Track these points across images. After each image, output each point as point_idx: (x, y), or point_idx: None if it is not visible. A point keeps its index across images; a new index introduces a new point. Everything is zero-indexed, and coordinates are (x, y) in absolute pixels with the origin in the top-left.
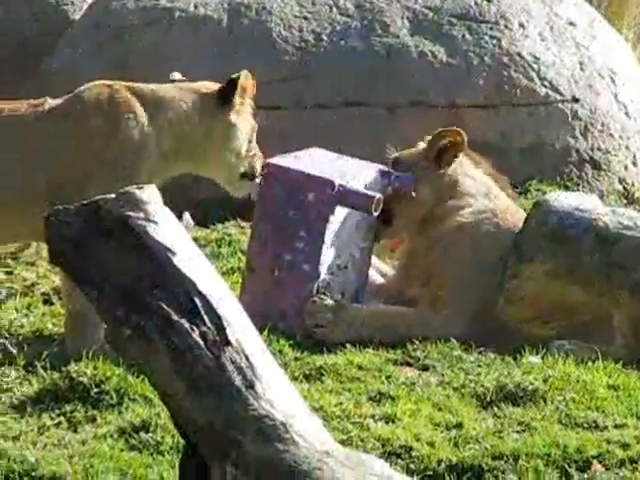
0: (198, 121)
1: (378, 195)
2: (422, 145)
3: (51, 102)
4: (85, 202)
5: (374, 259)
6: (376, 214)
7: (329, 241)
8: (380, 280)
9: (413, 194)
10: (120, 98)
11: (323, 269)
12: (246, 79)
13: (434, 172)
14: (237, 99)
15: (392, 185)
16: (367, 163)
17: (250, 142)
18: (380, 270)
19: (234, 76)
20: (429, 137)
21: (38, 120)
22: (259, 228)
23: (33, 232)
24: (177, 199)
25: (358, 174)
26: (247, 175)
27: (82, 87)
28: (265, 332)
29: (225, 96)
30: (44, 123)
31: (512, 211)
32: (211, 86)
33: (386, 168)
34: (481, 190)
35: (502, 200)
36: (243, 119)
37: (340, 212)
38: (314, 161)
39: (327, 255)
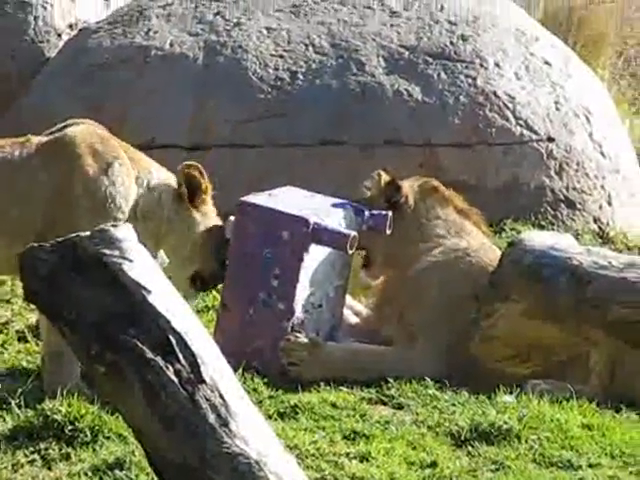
0: (170, 205)
1: (353, 233)
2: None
3: (35, 140)
4: (60, 239)
5: (348, 298)
6: (351, 252)
7: (304, 279)
8: (354, 319)
9: (388, 231)
10: (111, 143)
11: (298, 307)
12: (190, 173)
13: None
14: (185, 196)
15: (366, 223)
16: (341, 201)
17: (216, 243)
18: (354, 309)
19: (196, 178)
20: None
21: (28, 157)
22: (233, 266)
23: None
24: None
25: (332, 212)
26: (201, 279)
27: (68, 125)
28: (239, 370)
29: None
30: (34, 160)
31: (486, 248)
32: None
33: (360, 206)
34: (452, 229)
35: (476, 237)
36: (205, 215)
37: (315, 250)
38: (288, 199)
39: (302, 293)
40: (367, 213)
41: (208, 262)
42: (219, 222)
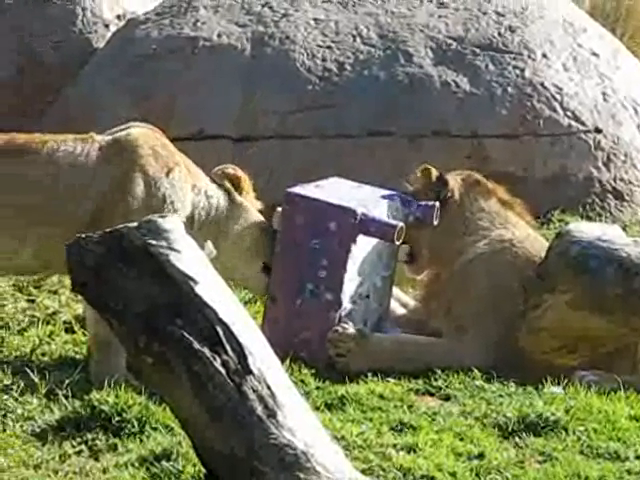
0: (224, 208)
1: (400, 224)
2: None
3: (99, 137)
4: (108, 230)
5: (395, 289)
6: (398, 243)
7: (351, 270)
8: (401, 310)
9: (435, 222)
10: (171, 149)
11: (345, 298)
12: (229, 172)
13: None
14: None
15: (413, 214)
16: (388, 192)
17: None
18: (401, 300)
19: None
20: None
21: (90, 154)
22: (281, 257)
23: None
24: None
25: (380, 203)
26: (269, 269)
27: (130, 127)
28: (287, 361)
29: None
30: (97, 157)
31: (531, 239)
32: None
33: (408, 197)
34: (496, 221)
35: (521, 228)
36: (254, 212)
37: (362, 241)
38: (336, 190)
39: (349, 284)
40: (414, 204)
41: (272, 249)
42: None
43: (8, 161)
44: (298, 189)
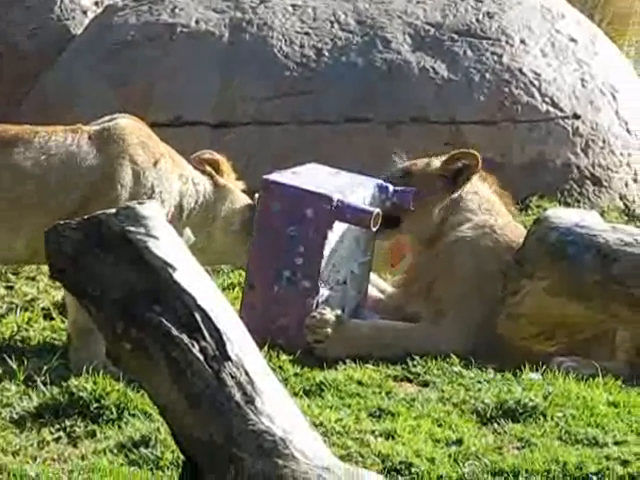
0: (211, 194)
1: (376, 210)
2: (434, 162)
3: (87, 127)
4: (86, 217)
5: (372, 275)
6: (374, 229)
7: (328, 256)
8: (379, 296)
9: (412, 208)
10: (157, 140)
11: (322, 285)
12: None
13: (448, 193)
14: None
15: (390, 200)
16: (365, 177)
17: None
18: (379, 287)
19: (216, 159)
20: (443, 156)
21: (80, 144)
22: (258, 244)
23: None
24: None
25: (356, 189)
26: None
27: (116, 118)
28: (265, 348)
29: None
30: (86, 147)
31: (512, 227)
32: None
33: (384, 183)
34: (483, 206)
35: (503, 217)
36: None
37: (339, 227)
38: (312, 176)
39: (326, 271)
40: (391, 189)
41: (245, 238)
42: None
43: (1, 152)
44: (275, 176)
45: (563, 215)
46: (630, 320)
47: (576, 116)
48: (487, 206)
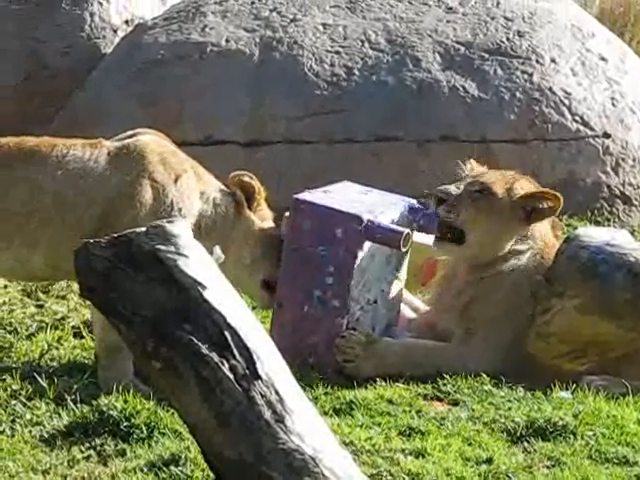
0: (232, 217)
1: (406, 231)
2: (518, 188)
3: (107, 143)
4: (116, 235)
5: (406, 293)
6: (404, 249)
7: (358, 276)
8: (412, 315)
9: (436, 233)
10: (180, 156)
11: (353, 304)
12: (243, 180)
13: (522, 226)
14: (242, 201)
15: (417, 222)
16: (397, 197)
17: (276, 247)
18: (411, 304)
19: (245, 184)
20: (520, 179)
21: (99, 159)
22: (288, 263)
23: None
24: None
25: (387, 208)
26: (271, 286)
27: (138, 133)
28: (295, 367)
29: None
30: (105, 162)
31: (550, 246)
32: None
33: (415, 204)
34: (542, 237)
35: (548, 237)
36: (263, 220)
37: (369, 247)
38: (343, 196)
39: (356, 290)
40: (420, 212)
41: (273, 267)
42: (273, 225)
43: (18, 165)
44: (305, 195)
45: (594, 234)
46: None
47: (606, 135)
48: (544, 238)
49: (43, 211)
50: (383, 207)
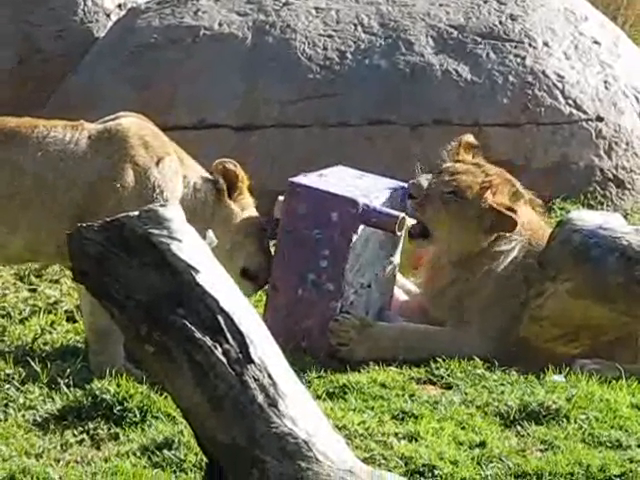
0: (211, 203)
1: (402, 215)
2: (489, 195)
3: (89, 125)
4: (109, 219)
5: (399, 276)
6: (400, 234)
7: (353, 260)
8: (404, 297)
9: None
10: (162, 139)
11: (347, 288)
12: (226, 168)
13: (482, 234)
14: (223, 189)
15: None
16: (392, 182)
17: (257, 235)
18: (404, 287)
19: (227, 171)
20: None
21: (79, 142)
22: (283, 246)
23: (59, 252)
24: None
25: (382, 193)
26: (250, 275)
27: (120, 116)
28: (288, 350)
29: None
30: (86, 146)
31: (541, 232)
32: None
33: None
34: (525, 227)
35: (533, 222)
36: (244, 209)
37: (364, 231)
38: (338, 179)
39: (351, 274)
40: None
41: (253, 255)
42: (256, 214)
43: None
44: (301, 178)
45: (586, 217)
46: None
47: (599, 118)
48: (528, 227)
49: (24, 193)
50: (378, 191)
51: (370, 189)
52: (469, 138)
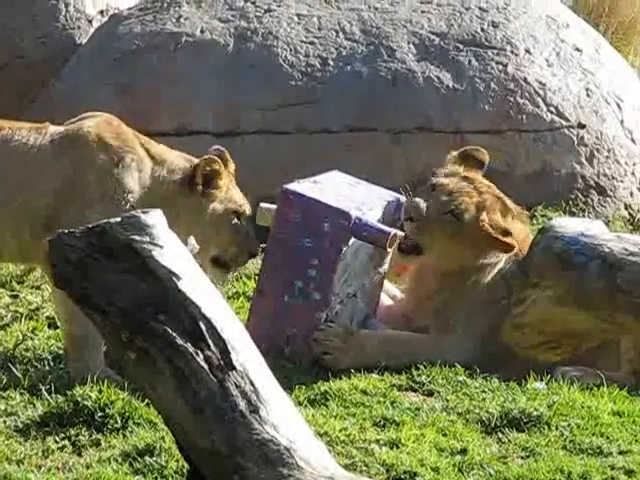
0: (178, 193)
1: (393, 231)
2: (484, 217)
3: (52, 128)
4: (90, 226)
5: (385, 282)
6: (390, 250)
7: (341, 270)
8: (389, 302)
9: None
10: (124, 136)
11: (333, 298)
12: (208, 163)
13: (478, 252)
14: (199, 185)
15: (400, 222)
16: (386, 191)
17: (226, 225)
18: (388, 292)
19: (196, 162)
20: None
21: (41, 145)
22: (272, 252)
23: (22, 254)
24: None
25: (376, 205)
26: (221, 263)
27: (85, 117)
28: (270, 357)
29: (191, 178)
30: (47, 149)
31: (529, 241)
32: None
33: (401, 201)
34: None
35: (520, 233)
36: (211, 202)
37: (354, 242)
38: (333, 188)
39: (338, 285)
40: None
41: (226, 247)
42: (241, 207)
43: None
44: (294, 185)
45: (568, 224)
46: (635, 329)
47: (581, 125)
48: (517, 236)
49: None
50: (372, 203)
51: (364, 200)
52: (475, 152)
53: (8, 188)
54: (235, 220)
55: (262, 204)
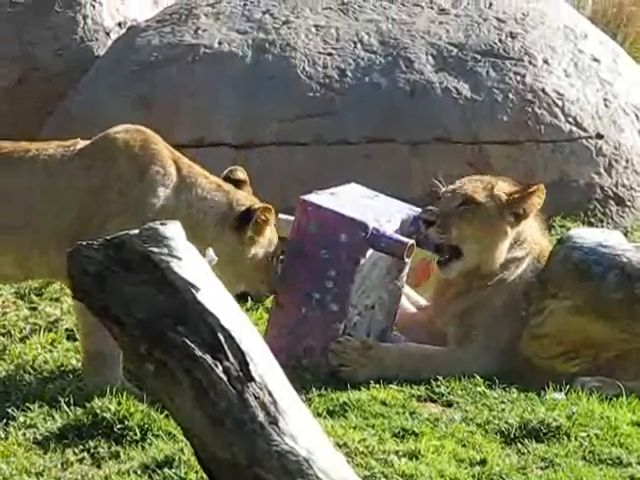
0: (212, 227)
1: (411, 242)
2: (500, 193)
3: (82, 143)
4: (109, 237)
5: (407, 288)
6: (408, 260)
7: (359, 282)
8: (412, 310)
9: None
10: (152, 148)
11: (351, 310)
12: (263, 212)
13: (510, 229)
14: (249, 231)
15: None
16: (404, 204)
17: (261, 267)
18: (412, 300)
19: (254, 207)
20: (497, 181)
21: (69, 161)
22: (290, 264)
23: (52, 271)
24: None
25: (394, 217)
26: (247, 296)
27: (108, 132)
28: (289, 368)
29: (242, 222)
30: (74, 164)
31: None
32: (244, 202)
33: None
34: (534, 237)
35: (543, 242)
36: (254, 246)
37: (372, 254)
38: (351, 200)
39: (356, 296)
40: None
41: (255, 284)
42: (278, 249)
43: None
44: (312, 197)
45: (586, 235)
46: None
47: (599, 136)
48: (537, 241)
49: (18, 215)
50: (390, 215)
51: (382, 212)
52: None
53: (40, 207)
54: (270, 260)
55: (281, 215)
